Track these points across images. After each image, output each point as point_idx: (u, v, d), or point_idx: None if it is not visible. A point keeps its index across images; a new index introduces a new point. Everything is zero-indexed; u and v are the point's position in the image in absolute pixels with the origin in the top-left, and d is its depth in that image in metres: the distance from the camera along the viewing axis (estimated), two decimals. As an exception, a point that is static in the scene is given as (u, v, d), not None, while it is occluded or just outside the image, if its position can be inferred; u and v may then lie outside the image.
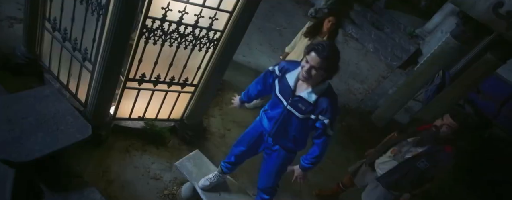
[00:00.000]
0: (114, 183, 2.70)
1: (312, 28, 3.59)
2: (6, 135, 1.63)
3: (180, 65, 2.88)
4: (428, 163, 2.71)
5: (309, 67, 1.96)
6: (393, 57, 7.38)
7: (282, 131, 2.29)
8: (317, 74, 1.98)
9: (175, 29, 2.58)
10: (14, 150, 1.60)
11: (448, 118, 2.61)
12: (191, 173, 2.65)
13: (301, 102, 2.10)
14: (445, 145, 2.67)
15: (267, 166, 2.46)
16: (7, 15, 3.49)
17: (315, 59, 1.94)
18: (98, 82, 2.66)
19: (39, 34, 2.93)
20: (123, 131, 3.08)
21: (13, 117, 1.70)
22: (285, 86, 2.17)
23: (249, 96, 2.53)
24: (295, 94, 2.12)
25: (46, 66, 3.09)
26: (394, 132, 3.12)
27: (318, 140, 2.21)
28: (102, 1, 2.39)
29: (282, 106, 2.20)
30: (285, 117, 2.21)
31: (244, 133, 2.53)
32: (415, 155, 2.77)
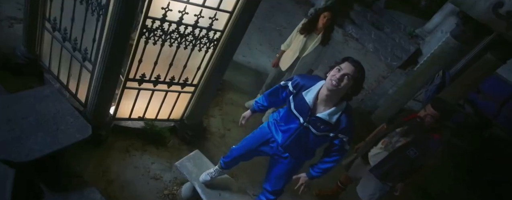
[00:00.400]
0: (114, 183, 2.70)
1: (308, 24, 3.58)
2: (6, 135, 1.63)
3: (180, 65, 2.88)
4: (417, 151, 2.77)
5: (342, 75, 1.96)
6: (393, 57, 7.39)
7: (295, 144, 2.27)
8: (347, 84, 1.98)
9: (175, 29, 2.58)
10: (14, 150, 1.60)
11: (430, 108, 2.68)
12: (191, 173, 2.65)
13: (320, 122, 2.09)
14: (432, 133, 2.73)
15: (277, 170, 2.44)
16: (7, 15, 3.49)
17: (350, 67, 1.97)
18: (98, 82, 2.66)
19: (39, 34, 2.93)
20: (123, 131, 3.08)
21: (13, 117, 1.70)
22: (302, 103, 2.12)
23: (262, 108, 2.47)
24: (314, 114, 2.09)
25: (46, 66, 3.09)
26: (381, 126, 3.16)
27: (334, 154, 2.22)
28: (102, 1, 2.39)
29: (298, 122, 2.17)
30: (301, 133, 2.19)
31: (249, 137, 2.50)
32: (404, 144, 2.83)
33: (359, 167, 3.22)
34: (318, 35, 3.59)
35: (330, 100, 2.05)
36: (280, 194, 2.58)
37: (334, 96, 2.04)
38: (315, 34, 3.60)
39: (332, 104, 2.06)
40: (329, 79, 2.00)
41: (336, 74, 1.98)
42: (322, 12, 3.49)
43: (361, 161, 3.18)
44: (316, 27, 3.56)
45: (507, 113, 6.42)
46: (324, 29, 3.54)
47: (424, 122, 2.72)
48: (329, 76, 2.02)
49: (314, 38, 3.60)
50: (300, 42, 3.63)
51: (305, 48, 3.65)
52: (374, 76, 6.62)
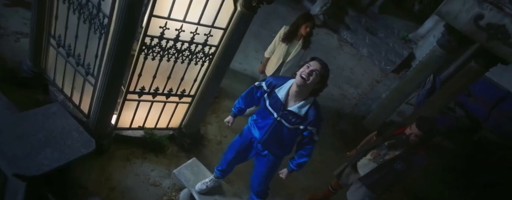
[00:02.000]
0: (115, 190, 2.87)
1: (289, 33, 3.80)
2: (17, 151, 1.79)
3: (177, 78, 3.05)
4: (404, 164, 2.97)
5: (311, 71, 2.21)
6: (387, 61, 7.54)
7: (271, 139, 2.51)
8: (314, 79, 2.24)
9: (173, 45, 2.75)
10: (25, 165, 1.76)
11: (415, 128, 2.85)
12: (188, 181, 2.82)
13: (291, 115, 2.35)
14: (418, 149, 2.93)
15: (258, 171, 2.67)
16: (13, 30, 3.65)
17: (317, 64, 2.25)
18: (100, 95, 2.83)
19: (45, 50, 3.10)
20: (124, 140, 3.25)
21: (24, 134, 1.87)
22: (276, 100, 2.39)
23: (240, 110, 2.72)
24: (286, 108, 2.33)
25: (51, 79, 3.25)
26: (373, 134, 3.34)
27: (307, 146, 2.48)
28: (104, 21, 2.56)
29: (273, 117, 2.42)
30: (276, 127, 2.44)
31: (233, 141, 2.74)
32: (392, 157, 3.02)
33: (349, 175, 3.39)
34: (298, 41, 3.79)
35: (299, 96, 2.31)
36: (265, 195, 2.77)
37: (303, 91, 2.29)
38: (296, 40, 3.81)
39: (301, 98, 2.32)
40: (299, 75, 2.26)
41: (305, 70, 2.25)
42: (302, 22, 3.69)
43: (351, 170, 3.35)
44: (296, 35, 3.76)
45: (496, 116, 6.58)
46: (304, 37, 3.74)
47: (409, 140, 2.91)
48: (299, 73, 2.28)
49: (295, 44, 3.83)
50: (282, 49, 3.85)
51: (288, 54, 3.87)
52: (368, 81, 6.79)
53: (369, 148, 3.24)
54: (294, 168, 2.58)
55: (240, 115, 2.78)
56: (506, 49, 3.51)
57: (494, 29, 3.57)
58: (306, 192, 3.99)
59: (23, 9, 3.89)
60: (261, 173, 2.67)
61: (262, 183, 2.71)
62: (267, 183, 2.76)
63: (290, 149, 2.63)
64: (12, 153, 1.78)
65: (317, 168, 4.37)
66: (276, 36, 3.99)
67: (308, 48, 3.89)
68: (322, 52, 6.84)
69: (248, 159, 2.76)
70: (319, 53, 6.67)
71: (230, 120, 2.77)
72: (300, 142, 2.51)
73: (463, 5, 3.62)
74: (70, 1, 2.67)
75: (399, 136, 3.05)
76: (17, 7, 3.87)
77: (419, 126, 2.88)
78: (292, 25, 3.84)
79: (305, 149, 2.50)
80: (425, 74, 4.64)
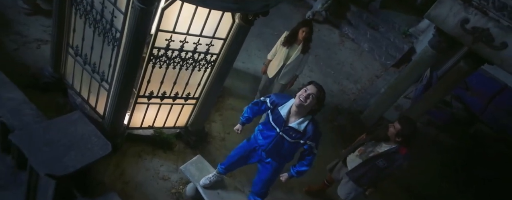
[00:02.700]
0: (129, 184, 3.23)
1: (289, 37, 4.05)
2: (47, 155, 2.13)
3: (182, 83, 3.36)
4: (386, 162, 3.26)
5: (308, 94, 2.52)
6: (387, 56, 7.71)
7: (274, 149, 2.83)
8: (311, 102, 2.54)
9: (177, 55, 3.05)
10: (54, 167, 2.10)
11: (396, 123, 3.16)
12: (194, 176, 3.16)
13: (292, 131, 2.66)
14: (401, 148, 3.17)
15: (262, 175, 2.99)
16: (34, 38, 3.97)
17: (313, 88, 2.56)
18: (114, 99, 3.16)
19: (64, 58, 3.43)
20: (135, 138, 3.59)
21: (52, 140, 2.20)
22: (278, 116, 2.69)
23: (248, 119, 3.00)
24: (287, 125, 2.64)
25: (70, 84, 3.59)
26: (364, 134, 3.61)
27: (307, 157, 2.80)
28: (116, 35, 2.86)
29: (276, 131, 2.73)
30: (278, 140, 2.75)
31: (240, 145, 3.04)
32: (375, 155, 3.30)
33: (340, 170, 3.69)
34: (298, 46, 4.04)
35: (299, 114, 2.62)
36: (266, 196, 3.09)
37: (302, 111, 2.60)
38: (296, 44, 4.05)
39: (300, 116, 2.62)
40: (297, 98, 2.57)
41: (303, 94, 2.56)
42: (300, 27, 3.94)
43: (342, 165, 3.65)
44: (296, 39, 4.01)
45: (493, 109, 6.74)
46: (304, 40, 3.98)
47: (388, 131, 3.20)
48: (297, 95, 2.58)
49: (295, 48, 4.07)
50: (283, 53, 4.10)
51: (289, 57, 4.12)
52: (367, 76, 6.99)
53: (358, 145, 3.53)
54: (294, 174, 2.89)
55: (248, 123, 3.04)
56: (490, 51, 3.72)
57: (479, 33, 3.78)
58: (304, 185, 4.28)
59: (42, 17, 4.20)
60: (264, 178, 2.99)
61: (265, 186, 3.04)
62: (269, 187, 3.09)
63: (291, 157, 2.94)
64: (43, 157, 2.12)
65: (315, 163, 4.63)
66: (278, 40, 4.23)
67: (307, 52, 4.12)
68: (324, 48, 7.05)
69: (248, 164, 3.06)
70: (320, 49, 6.90)
71: (239, 128, 3.04)
72: (302, 153, 2.82)
73: (450, 10, 3.82)
74: (86, 17, 2.97)
75: (380, 128, 3.35)
76: (37, 15, 4.18)
77: (400, 122, 3.18)
78: (292, 30, 4.09)
79: (306, 159, 2.82)
80: (418, 72, 4.87)
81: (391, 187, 4.90)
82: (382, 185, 3.93)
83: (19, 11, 4.11)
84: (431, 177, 5.56)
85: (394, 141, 3.20)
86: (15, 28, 3.96)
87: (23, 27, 4.02)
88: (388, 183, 4.77)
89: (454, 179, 5.74)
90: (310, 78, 5.99)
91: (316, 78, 6.15)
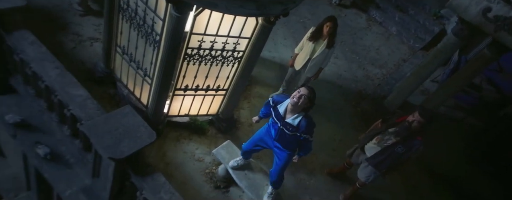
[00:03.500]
0: (169, 164, 3.79)
1: (315, 32, 4.30)
2: (108, 141, 2.66)
3: (213, 77, 3.79)
4: (404, 148, 3.52)
5: (300, 95, 2.94)
6: (416, 39, 7.66)
7: (281, 139, 3.28)
8: (303, 101, 2.96)
9: (208, 53, 3.47)
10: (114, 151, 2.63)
11: (417, 115, 3.35)
12: (224, 159, 3.65)
13: (288, 125, 3.11)
14: (416, 135, 3.45)
15: (278, 161, 3.42)
16: (87, 36, 4.55)
17: (305, 90, 2.97)
18: (155, 91, 3.67)
19: (113, 56, 3.98)
20: (174, 125, 4.13)
21: (111, 130, 2.72)
22: (278, 113, 3.15)
23: (264, 114, 3.46)
24: (284, 120, 3.09)
25: (118, 77, 4.16)
26: (378, 121, 3.88)
27: (305, 145, 3.28)
28: (156, 38, 3.32)
29: (278, 125, 3.19)
30: (281, 132, 3.21)
31: (254, 135, 3.51)
32: (394, 142, 3.56)
33: (358, 156, 4.01)
34: (324, 41, 4.29)
35: (293, 111, 3.05)
36: (281, 184, 3.59)
37: (296, 109, 3.02)
38: (322, 40, 4.30)
39: (295, 113, 3.05)
40: (292, 98, 2.99)
41: (296, 94, 2.97)
42: (325, 22, 4.17)
43: (360, 151, 3.97)
44: (321, 34, 4.26)
45: (526, 92, 6.60)
46: (328, 36, 4.23)
47: (411, 126, 3.43)
48: (292, 95, 3.00)
49: (321, 43, 4.32)
50: (309, 47, 4.37)
51: (314, 52, 4.39)
52: (394, 60, 7.05)
53: (374, 134, 3.81)
54: (302, 154, 3.39)
55: (265, 118, 3.48)
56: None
57: (501, 21, 3.83)
58: (325, 167, 4.66)
59: (93, 17, 4.77)
60: (278, 165, 3.42)
61: (278, 173, 3.48)
62: (282, 173, 3.52)
63: (296, 146, 3.36)
64: (105, 143, 2.66)
65: (336, 146, 4.99)
66: (305, 35, 4.50)
67: (332, 47, 4.37)
68: (349, 33, 7.16)
69: (265, 148, 3.49)
70: (346, 35, 7.03)
71: (256, 119, 3.56)
72: (300, 143, 3.26)
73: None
74: (131, 22, 3.45)
75: (402, 123, 3.59)
76: (88, 16, 4.75)
77: (421, 114, 3.40)
78: (317, 25, 4.34)
79: (305, 147, 3.32)
80: (440, 59, 4.95)
81: (412, 169, 5.14)
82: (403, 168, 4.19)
83: (74, 13, 4.70)
84: (454, 160, 5.67)
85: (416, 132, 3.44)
86: (72, 29, 4.55)
87: (78, 28, 4.60)
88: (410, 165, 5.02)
89: (478, 162, 5.78)
90: (334, 65, 6.22)
91: (340, 65, 6.36)
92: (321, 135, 4.77)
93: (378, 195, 4.70)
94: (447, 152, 5.67)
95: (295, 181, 4.32)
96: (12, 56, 3.07)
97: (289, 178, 4.22)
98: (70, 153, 3.31)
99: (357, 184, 4.19)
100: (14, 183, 4.36)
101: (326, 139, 4.99)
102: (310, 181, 4.47)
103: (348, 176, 4.62)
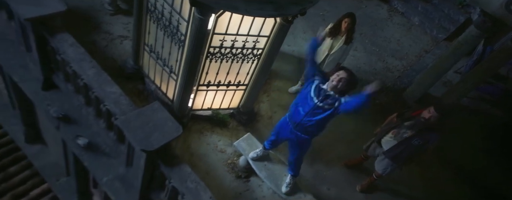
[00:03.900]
0: (194, 155, 4.07)
1: (333, 29, 4.40)
2: (140, 135, 2.94)
3: (234, 73, 4.01)
4: (421, 140, 3.61)
5: (340, 78, 3.02)
6: (439, 29, 7.53)
7: (308, 120, 3.25)
8: (343, 84, 3.02)
9: (229, 51, 3.67)
10: (145, 143, 2.92)
11: (433, 111, 3.43)
12: (245, 150, 3.89)
13: (330, 98, 3.11)
14: (433, 129, 3.55)
15: (295, 151, 3.57)
16: (117, 35, 4.87)
17: (344, 73, 3.04)
18: (181, 87, 3.93)
19: (141, 53, 4.27)
20: (197, 118, 4.40)
21: (142, 124, 3.00)
22: (320, 89, 3.17)
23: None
24: (327, 92, 3.13)
25: (146, 74, 4.45)
26: (393, 115, 3.97)
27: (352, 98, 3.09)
28: (181, 38, 3.55)
29: (313, 102, 3.16)
30: (315, 110, 3.18)
31: (275, 127, 3.65)
32: (410, 135, 3.67)
33: (375, 149, 4.15)
34: (342, 37, 4.39)
35: (334, 90, 3.10)
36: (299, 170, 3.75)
37: (335, 90, 3.09)
38: (340, 36, 4.40)
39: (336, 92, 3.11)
40: (331, 80, 3.07)
41: (336, 78, 3.05)
42: (343, 19, 4.26)
43: (377, 144, 4.10)
44: (339, 31, 4.35)
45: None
46: (347, 32, 4.32)
47: (428, 122, 3.52)
48: (331, 78, 3.07)
49: (339, 40, 4.43)
50: (328, 43, 4.48)
51: (332, 48, 4.50)
52: (415, 51, 6.99)
53: (390, 128, 3.92)
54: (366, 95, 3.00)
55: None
56: (534, 33, 3.75)
57: (524, 14, 3.80)
58: (342, 159, 4.80)
59: (122, 16, 5.08)
60: (297, 152, 3.57)
61: (299, 161, 3.65)
62: (301, 161, 3.69)
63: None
64: (137, 136, 2.95)
65: (354, 139, 5.10)
66: (324, 31, 4.61)
67: (350, 43, 4.47)
68: (370, 25, 7.14)
69: (283, 141, 3.67)
70: (366, 27, 7.03)
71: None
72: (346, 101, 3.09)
73: (495, -9, 3.86)
74: (158, 23, 3.69)
75: (417, 118, 3.69)
76: (118, 15, 5.06)
77: (437, 110, 3.49)
78: (335, 22, 4.44)
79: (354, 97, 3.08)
80: (462, 51, 4.92)
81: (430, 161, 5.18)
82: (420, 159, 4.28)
83: (105, 12, 5.02)
84: (472, 152, 5.65)
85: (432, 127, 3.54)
86: (104, 28, 4.88)
87: (109, 26, 4.93)
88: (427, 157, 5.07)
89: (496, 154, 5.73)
90: (353, 57, 6.27)
91: (359, 57, 6.40)
92: (339, 127, 4.90)
93: (395, 187, 4.82)
94: (465, 144, 5.66)
95: (312, 172, 4.52)
96: (55, 56, 3.39)
97: (307, 169, 4.41)
98: (105, 144, 3.64)
99: (374, 176, 4.33)
100: (55, 169, 4.82)
101: (344, 131, 5.12)
102: (327, 172, 4.64)
103: (365, 168, 4.74)
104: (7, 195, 5.22)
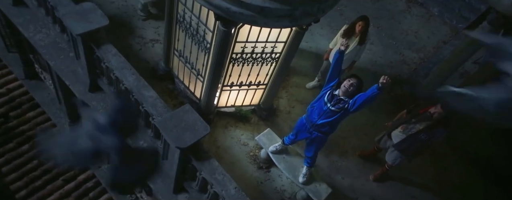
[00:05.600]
0: (220, 148, 4.55)
1: (347, 30, 4.66)
2: (174, 134, 3.43)
3: (254, 74, 4.41)
4: (427, 135, 3.93)
5: (350, 84, 3.46)
6: (459, 18, 7.48)
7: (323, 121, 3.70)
8: (353, 89, 3.46)
9: (250, 56, 4.07)
10: (180, 141, 3.41)
11: (439, 108, 3.73)
12: (265, 144, 4.33)
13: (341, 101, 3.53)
14: (440, 124, 3.85)
15: (311, 146, 3.97)
16: (149, 38, 5.35)
17: (354, 79, 3.49)
18: (207, 88, 4.39)
19: (172, 57, 4.74)
20: (222, 114, 4.86)
21: (176, 124, 3.49)
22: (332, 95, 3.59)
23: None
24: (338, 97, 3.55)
25: (176, 75, 4.94)
26: (403, 112, 4.27)
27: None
28: (207, 46, 3.97)
29: (327, 107, 3.60)
30: (327, 113, 3.62)
31: (294, 127, 4.05)
32: (418, 130, 3.99)
33: (386, 142, 4.48)
34: (356, 38, 4.66)
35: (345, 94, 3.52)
36: (315, 162, 4.15)
37: (347, 95, 3.51)
38: (354, 37, 4.67)
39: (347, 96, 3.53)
40: (343, 86, 3.47)
41: (347, 83, 3.46)
42: (357, 21, 4.52)
43: (388, 138, 4.43)
44: (354, 32, 4.62)
45: None
46: (361, 33, 4.59)
47: (433, 117, 3.82)
48: (343, 83, 3.48)
49: (353, 40, 4.69)
50: None
51: (347, 47, 4.77)
52: (433, 43, 7.03)
53: (400, 123, 4.24)
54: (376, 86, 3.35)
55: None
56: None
57: (535, 12, 3.92)
58: (356, 150, 5.14)
59: (153, 21, 5.53)
60: (314, 148, 3.97)
61: (314, 155, 4.05)
62: (317, 155, 4.09)
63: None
64: (172, 135, 3.44)
65: (368, 131, 5.40)
66: (338, 32, 4.89)
67: (364, 44, 4.74)
68: (387, 18, 7.22)
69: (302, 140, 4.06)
70: (383, 20, 7.14)
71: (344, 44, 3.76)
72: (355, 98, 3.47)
73: (505, -11, 3.99)
74: (186, 32, 4.13)
75: (424, 114, 3.99)
76: (149, 19, 5.53)
77: (443, 107, 3.79)
78: (350, 24, 4.71)
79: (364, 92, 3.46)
80: (474, 47, 5.06)
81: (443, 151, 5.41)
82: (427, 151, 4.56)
83: (138, 18, 5.50)
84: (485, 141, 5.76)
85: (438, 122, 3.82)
86: (138, 32, 5.37)
87: (142, 31, 5.41)
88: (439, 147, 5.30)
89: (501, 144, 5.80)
90: (370, 51, 6.45)
91: (375, 51, 6.57)
92: (354, 120, 5.21)
93: (408, 176, 5.12)
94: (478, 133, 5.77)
95: (328, 162, 4.91)
96: (100, 64, 3.92)
97: (323, 160, 4.81)
98: (144, 139, 4.19)
99: (386, 166, 4.69)
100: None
101: (358, 123, 5.42)
102: (342, 162, 5.02)
103: (378, 158, 5.07)
104: (59, 179, 6.00)
